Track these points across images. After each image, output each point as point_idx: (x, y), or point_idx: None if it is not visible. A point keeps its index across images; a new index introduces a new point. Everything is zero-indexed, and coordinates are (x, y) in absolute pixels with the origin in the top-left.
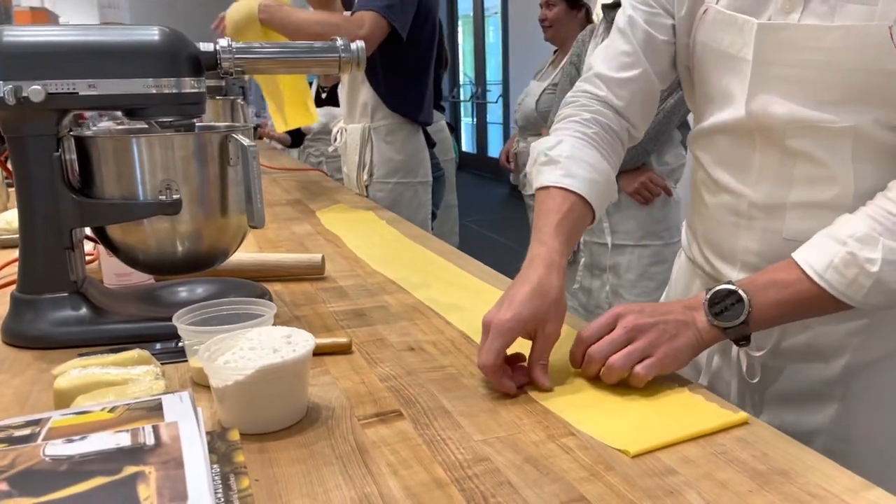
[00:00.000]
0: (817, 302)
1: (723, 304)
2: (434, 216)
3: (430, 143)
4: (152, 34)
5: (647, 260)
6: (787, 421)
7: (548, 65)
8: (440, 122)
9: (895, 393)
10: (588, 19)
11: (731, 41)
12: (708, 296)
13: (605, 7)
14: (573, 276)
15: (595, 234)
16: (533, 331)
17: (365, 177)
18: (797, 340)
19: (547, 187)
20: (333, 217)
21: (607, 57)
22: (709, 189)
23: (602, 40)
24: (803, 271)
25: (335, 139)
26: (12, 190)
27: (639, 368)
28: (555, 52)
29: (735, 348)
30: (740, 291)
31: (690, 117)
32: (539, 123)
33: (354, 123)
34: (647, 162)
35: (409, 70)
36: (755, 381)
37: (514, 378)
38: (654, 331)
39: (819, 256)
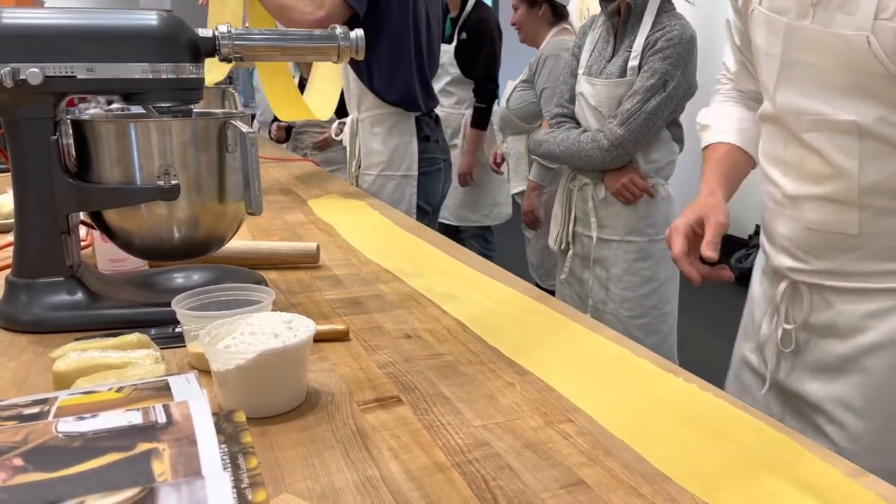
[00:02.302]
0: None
1: None
2: (434, 210)
3: (424, 137)
4: (151, 19)
5: (632, 255)
6: (810, 389)
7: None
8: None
9: None
10: (556, 14)
11: (765, 38)
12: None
13: (602, 1)
14: (563, 266)
15: (585, 227)
16: (701, 224)
17: (354, 167)
18: (822, 317)
19: (706, 147)
20: (326, 206)
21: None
22: (761, 177)
23: (599, 33)
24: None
25: (336, 134)
26: (5, 175)
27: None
28: None
29: (775, 322)
30: None
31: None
32: (513, 122)
33: (351, 115)
34: (632, 161)
35: (387, 54)
36: (789, 350)
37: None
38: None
39: None
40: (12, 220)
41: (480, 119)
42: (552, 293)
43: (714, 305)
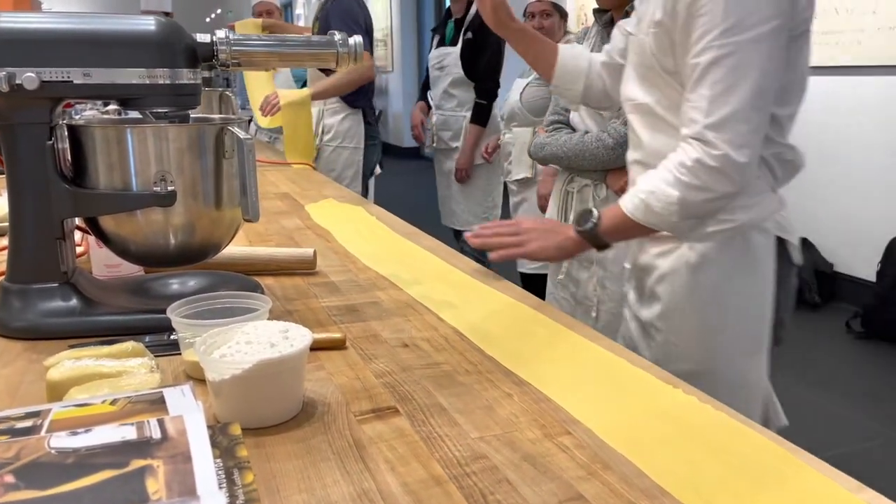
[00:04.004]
0: (632, 224)
1: (583, 217)
2: (372, 173)
3: (367, 121)
4: (149, 24)
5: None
6: (643, 314)
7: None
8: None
9: (692, 294)
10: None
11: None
12: (574, 214)
13: (595, 11)
14: (558, 267)
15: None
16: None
17: (317, 141)
18: (641, 259)
19: None
20: (323, 212)
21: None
22: None
23: (594, 42)
24: (621, 208)
25: None
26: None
27: (506, 252)
28: None
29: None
30: (594, 210)
31: None
32: (522, 115)
33: (318, 106)
34: None
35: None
36: (631, 284)
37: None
38: (534, 232)
39: (628, 199)
40: (6, 224)
41: (481, 115)
42: (539, 277)
43: None
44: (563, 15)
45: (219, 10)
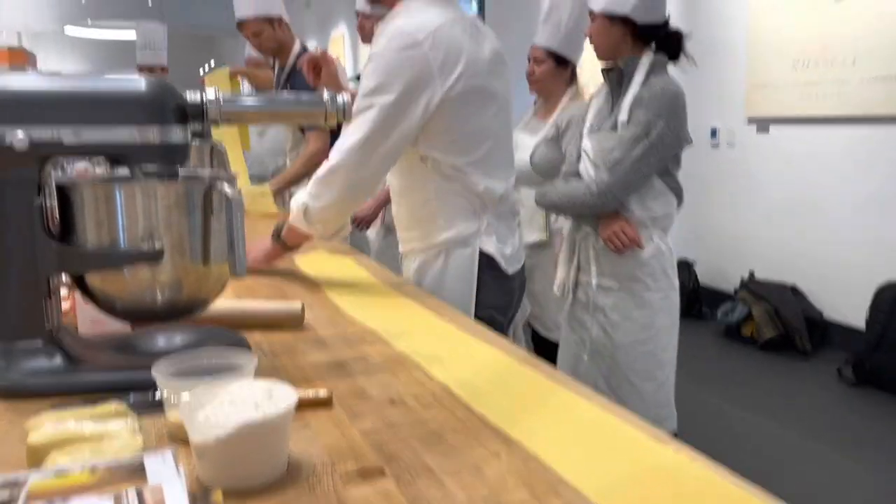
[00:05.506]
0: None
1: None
2: None
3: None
4: (139, 83)
5: (631, 303)
6: None
7: (531, 116)
8: None
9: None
10: (573, 76)
11: None
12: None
13: (604, 71)
14: (563, 306)
15: (586, 274)
16: None
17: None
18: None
19: None
20: (312, 262)
21: None
22: None
23: (602, 94)
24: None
25: None
26: None
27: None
28: (534, 102)
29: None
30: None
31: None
32: (533, 176)
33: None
34: (625, 209)
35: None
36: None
37: None
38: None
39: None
40: None
41: None
42: (553, 344)
43: (702, 356)
44: (562, 63)
45: (212, 61)
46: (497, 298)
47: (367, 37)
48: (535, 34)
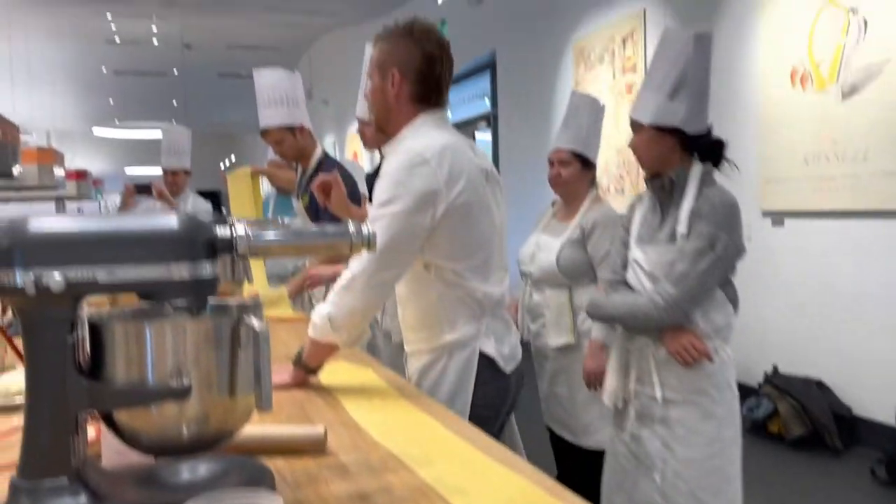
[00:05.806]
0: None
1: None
2: None
3: None
4: (171, 221)
5: (696, 415)
6: None
7: (549, 217)
8: None
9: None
10: (594, 178)
11: None
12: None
13: (648, 181)
14: (622, 424)
15: (646, 385)
16: None
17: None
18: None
19: None
20: (332, 376)
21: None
22: None
23: (647, 205)
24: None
25: None
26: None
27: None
28: (552, 203)
29: None
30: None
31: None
32: (558, 277)
33: None
34: (689, 321)
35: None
36: None
37: None
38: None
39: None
40: (16, 400)
41: None
42: (596, 453)
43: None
44: (587, 164)
45: (232, 156)
46: (495, 397)
47: (367, 142)
48: (544, 135)
